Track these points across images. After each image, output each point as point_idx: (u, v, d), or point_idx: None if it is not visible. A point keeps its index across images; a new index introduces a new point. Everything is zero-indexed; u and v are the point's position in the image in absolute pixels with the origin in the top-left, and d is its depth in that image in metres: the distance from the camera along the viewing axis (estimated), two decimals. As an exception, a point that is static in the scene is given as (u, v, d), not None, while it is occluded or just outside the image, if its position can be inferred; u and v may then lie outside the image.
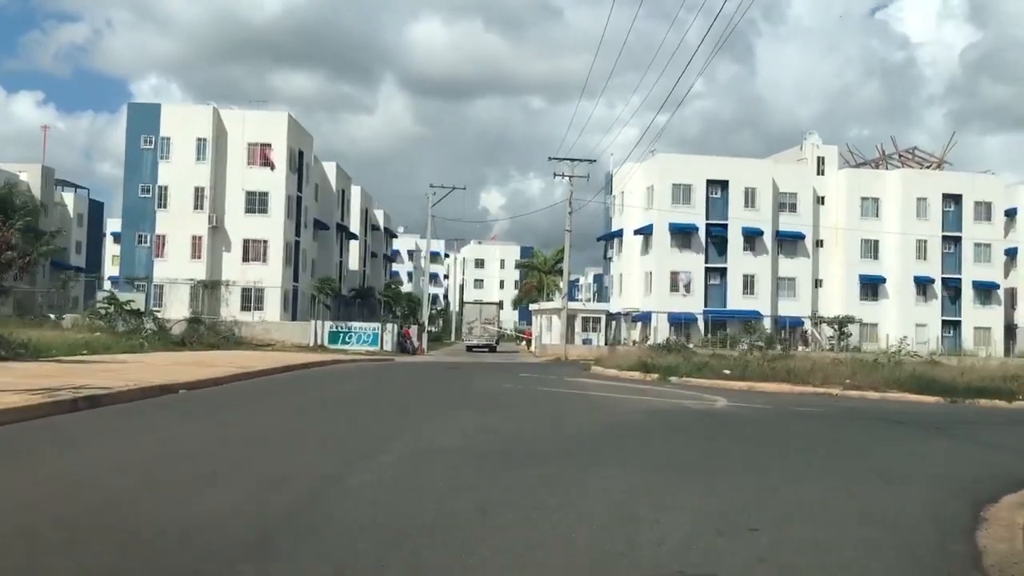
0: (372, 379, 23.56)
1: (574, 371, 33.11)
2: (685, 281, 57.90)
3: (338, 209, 69.10)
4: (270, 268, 52.30)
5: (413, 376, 25.77)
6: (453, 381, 22.97)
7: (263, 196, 52.69)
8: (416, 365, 34.76)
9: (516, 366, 38.49)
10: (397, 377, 25.09)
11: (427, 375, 26.58)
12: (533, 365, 41.45)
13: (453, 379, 24.27)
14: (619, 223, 62.48)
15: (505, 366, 38.18)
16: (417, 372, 28.15)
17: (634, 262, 60.55)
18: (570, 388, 21.36)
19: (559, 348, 51.35)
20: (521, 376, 26.03)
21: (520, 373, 29.80)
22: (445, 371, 28.62)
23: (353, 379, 23.38)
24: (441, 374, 27.30)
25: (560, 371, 32.79)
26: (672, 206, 57.76)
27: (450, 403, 16.75)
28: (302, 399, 16.65)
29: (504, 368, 35.41)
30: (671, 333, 55.74)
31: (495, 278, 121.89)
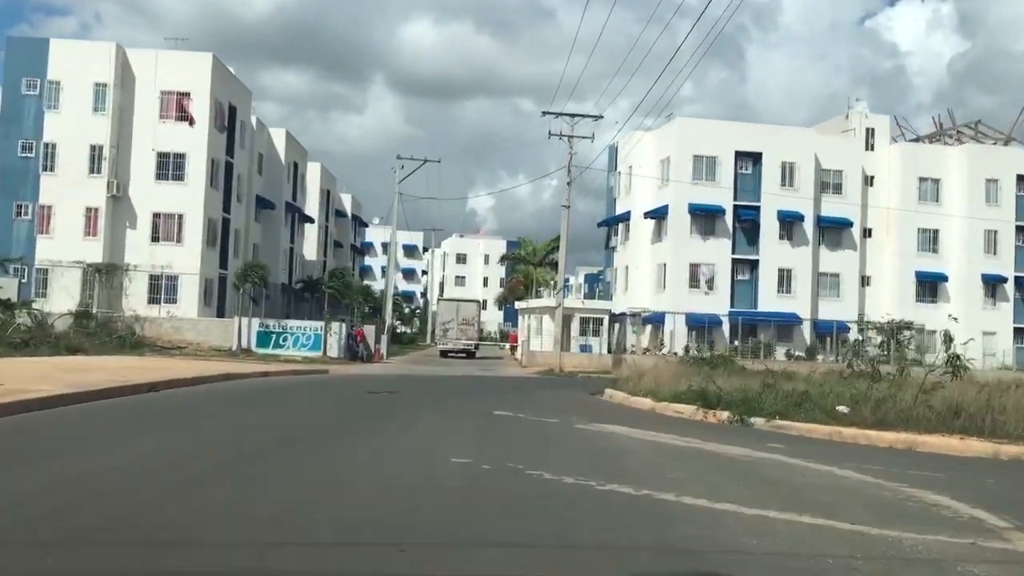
0: (182, 435, 12.39)
1: (580, 395, 22.35)
2: (708, 275, 47.04)
3: (288, 185, 57.94)
4: (186, 250, 41.15)
5: (285, 419, 14.68)
6: (355, 434, 11.83)
7: (179, 159, 41.55)
8: (346, 382, 23.81)
9: (495, 383, 27.62)
10: (245, 424, 13.93)
11: (320, 412, 15.49)
12: (519, 381, 30.55)
13: (366, 424, 13.10)
14: (625, 204, 51.59)
15: (480, 382, 27.31)
16: (317, 403, 16.99)
17: (643, 252, 49.65)
18: (597, 456, 10.15)
19: (551, 356, 40.49)
20: (496, 414, 15.03)
21: (499, 398, 18.89)
22: (372, 399, 17.60)
23: (177, 424, 12.14)
24: (356, 407, 16.15)
25: (559, 395, 22.00)
26: (693, 183, 46.92)
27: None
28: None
29: (477, 387, 24.51)
30: (690, 339, 44.89)
31: (478, 275, 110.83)
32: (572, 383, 30.36)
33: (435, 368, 38.46)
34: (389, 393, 19.07)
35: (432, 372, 34.52)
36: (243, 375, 23.68)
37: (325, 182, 70.69)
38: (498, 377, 33.37)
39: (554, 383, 29.45)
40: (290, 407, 15.84)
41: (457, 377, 30.89)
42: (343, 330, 39.93)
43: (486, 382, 28.14)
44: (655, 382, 20.64)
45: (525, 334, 49.08)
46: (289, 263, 58.53)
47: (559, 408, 17.32)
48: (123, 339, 36.81)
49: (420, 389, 22.17)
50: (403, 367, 38.51)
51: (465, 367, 40.64)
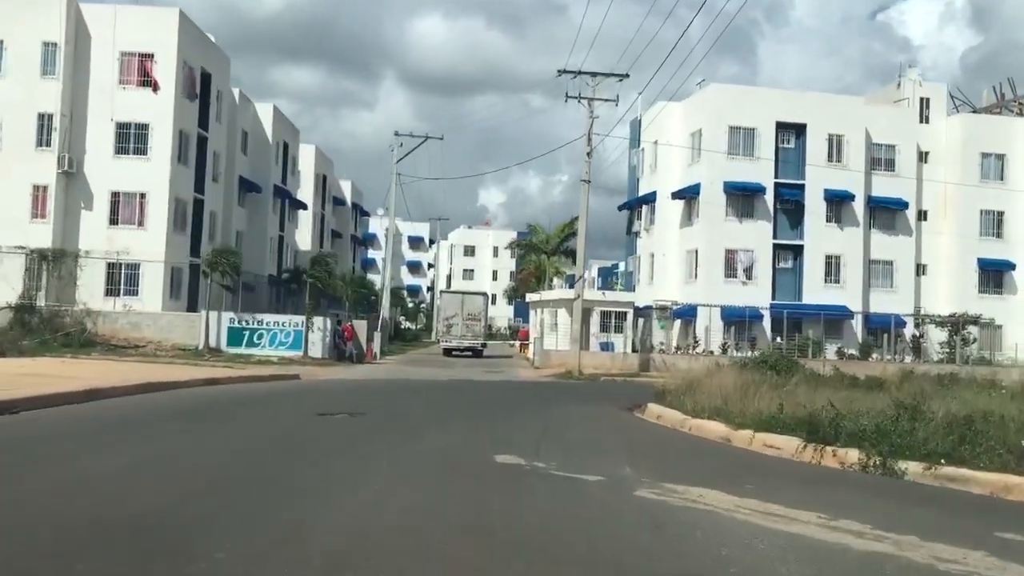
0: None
1: (614, 413, 16.98)
2: (746, 263, 41.47)
3: (277, 166, 52.56)
4: (149, 234, 35.79)
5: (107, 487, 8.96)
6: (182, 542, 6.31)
7: (141, 130, 36.18)
8: (306, 395, 18.42)
9: (502, 392, 22.21)
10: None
11: (196, 463, 9.80)
12: (532, 388, 25.15)
13: (242, 503, 7.44)
14: (649, 184, 46.01)
15: (483, 391, 21.91)
16: (218, 439, 11.17)
17: (671, 237, 44.10)
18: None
19: (569, 356, 35.05)
20: (499, 462, 9.47)
21: (506, 420, 13.49)
22: (316, 429, 12.10)
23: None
24: (274, 450, 10.39)
25: (588, 414, 16.58)
26: (729, 158, 41.32)
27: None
28: None
29: (478, 398, 19.11)
30: (727, 335, 39.37)
31: (487, 268, 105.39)
32: (598, 390, 24.90)
33: (434, 370, 33.08)
34: (350, 415, 13.62)
35: (428, 376, 29.12)
36: (175, 384, 18.33)
37: (320, 166, 65.32)
38: (506, 382, 27.95)
39: (576, 391, 23.97)
40: (159, 450, 10.35)
41: (456, 383, 25.49)
42: (327, 326, 34.55)
43: (491, 391, 22.68)
44: (721, 396, 15.11)
45: (538, 330, 43.60)
46: (279, 253, 53.19)
47: (595, 441, 11.90)
48: (70, 337, 31.62)
49: (399, 405, 16.70)
50: (396, 369, 33.15)
51: (469, 368, 35.25)
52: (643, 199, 45.95)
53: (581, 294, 32.76)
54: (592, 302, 39.10)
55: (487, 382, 27.35)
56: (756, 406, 13.81)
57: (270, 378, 23.64)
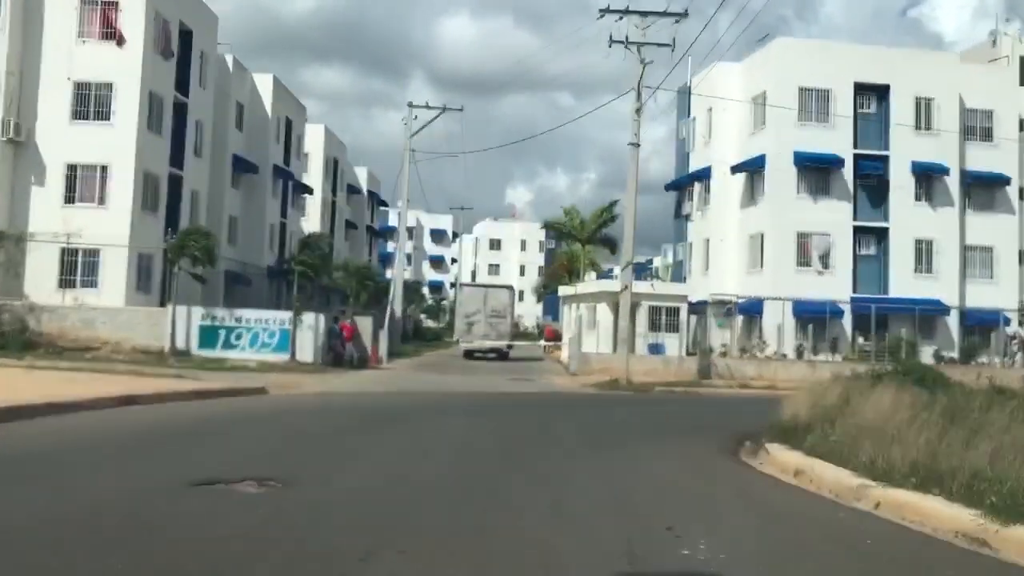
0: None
1: (710, 462, 10.59)
2: (822, 249, 35.03)
3: (278, 145, 46.80)
4: (111, 214, 30.07)
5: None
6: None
7: (104, 92, 30.44)
8: (252, 423, 12.39)
9: (534, 415, 15.95)
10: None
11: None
12: (573, 406, 19.02)
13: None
14: (702, 159, 39.62)
15: (507, 415, 15.72)
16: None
17: (730, 219, 37.73)
18: None
19: (614, 360, 28.98)
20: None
21: (544, 485, 7.10)
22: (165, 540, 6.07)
23: None
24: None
25: (667, 458, 10.14)
26: (799, 124, 34.89)
27: None
28: None
29: (499, 430, 12.78)
30: (800, 335, 33.02)
31: (514, 262, 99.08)
32: (664, 413, 18.69)
33: (450, 378, 27.05)
34: (256, 486, 7.45)
35: (440, 386, 23.10)
36: (68, 406, 12.44)
37: (330, 149, 59.56)
38: (541, 397, 21.86)
39: (636, 413, 17.75)
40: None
41: (473, 399, 19.44)
42: (320, 323, 28.62)
43: (518, 414, 16.50)
44: (904, 439, 8.86)
45: (573, 329, 37.46)
46: (280, 242, 47.43)
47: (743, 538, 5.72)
48: (6, 337, 25.94)
49: (372, 454, 10.49)
50: (404, 377, 27.17)
51: (492, 375, 29.21)
52: (695, 176, 39.54)
53: (630, 284, 26.52)
54: (639, 295, 32.82)
55: (515, 396, 21.26)
56: (980, 459, 7.64)
57: (222, 393, 17.64)
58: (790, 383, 29.91)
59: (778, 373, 30.22)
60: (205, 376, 21.67)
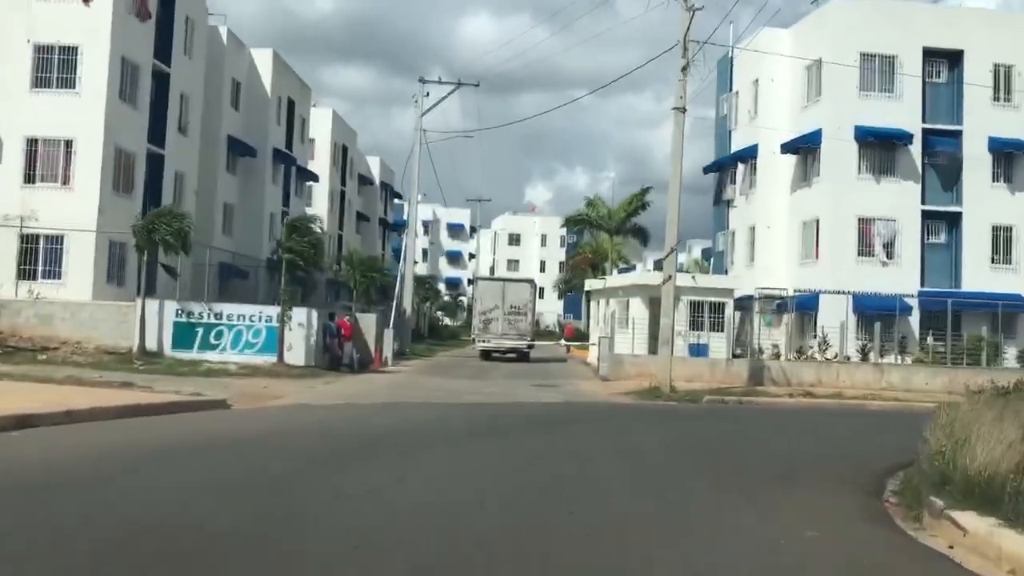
0: None
1: (853, 540, 6.01)
2: (886, 236, 30.79)
3: (279, 128, 43.09)
4: (77, 195, 26.43)
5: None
6: None
7: (68, 56, 26.79)
8: (150, 468, 8.41)
9: (564, 435, 11.75)
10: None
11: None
12: (616, 422, 14.91)
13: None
14: (747, 137, 35.39)
15: (524, 437, 11.54)
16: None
17: (779, 204, 33.54)
18: None
19: (652, 363, 25.08)
20: None
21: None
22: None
23: None
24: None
25: (775, 521, 5.64)
26: (860, 95, 30.70)
27: None
28: None
29: (519, 466, 8.51)
30: (861, 333, 28.87)
31: (533, 257, 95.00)
32: (729, 432, 14.69)
33: (459, 383, 23.14)
34: None
35: (445, 396, 19.16)
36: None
37: (339, 134, 55.79)
38: (567, 408, 17.93)
39: (698, 440, 13.61)
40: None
41: (484, 411, 15.56)
42: (313, 320, 24.77)
43: (543, 438, 12.38)
44: None
45: (603, 328, 33.45)
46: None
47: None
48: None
49: (305, 534, 6.41)
50: (408, 382, 23.28)
51: (511, 379, 25.34)
52: (738, 156, 35.30)
53: (673, 275, 22.43)
54: (679, 289, 28.72)
55: (537, 409, 17.28)
56: None
57: (166, 409, 13.78)
58: (857, 390, 25.84)
59: (840, 378, 26.16)
60: (166, 384, 17.92)
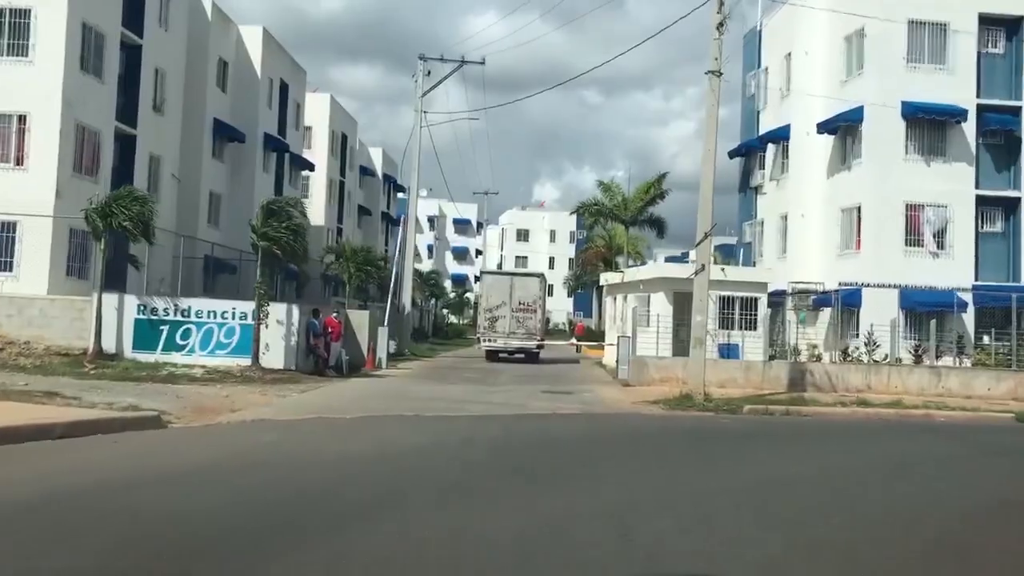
0: None
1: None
2: (937, 224, 27.68)
3: (271, 111, 40.20)
4: (31, 176, 23.57)
5: None
6: None
7: (20, 18, 23.93)
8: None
9: (593, 479, 8.40)
10: None
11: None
12: (653, 444, 11.65)
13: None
14: (778, 117, 32.32)
15: (533, 481, 8.23)
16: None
17: (814, 190, 30.43)
18: None
19: (679, 366, 22.13)
20: None
21: None
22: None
23: None
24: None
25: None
26: (908, 67, 27.59)
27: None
28: None
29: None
30: (911, 331, 25.80)
31: (542, 254, 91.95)
32: (803, 458, 11.61)
33: (458, 390, 20.17)
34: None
35: (439, 406, 16.15)
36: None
37: (338, 122, 52.86)
38: (587, 423, 14.94)
39: (766, 478, 10.37)
40: None
41: (481, 428, 12.62)
42: (295, 317, 21.84)
43: (559, 476, 9.21)
44: None
45: (619, 325, 30.44)
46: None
47: None
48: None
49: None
50: (397, 390, 20.29)
51: (518, 384, 22.33)
52: (768, 138, 32.17)
53: (708, 263, 19.36)
54: (710, 282, 25.68)
55: (550, 426, 14.28)
56: None
57: (76, 427, 10.81)
58: (912, 396, 22.76)
59: (891, 383, 23.10)
60: (107, 393, 15.07)
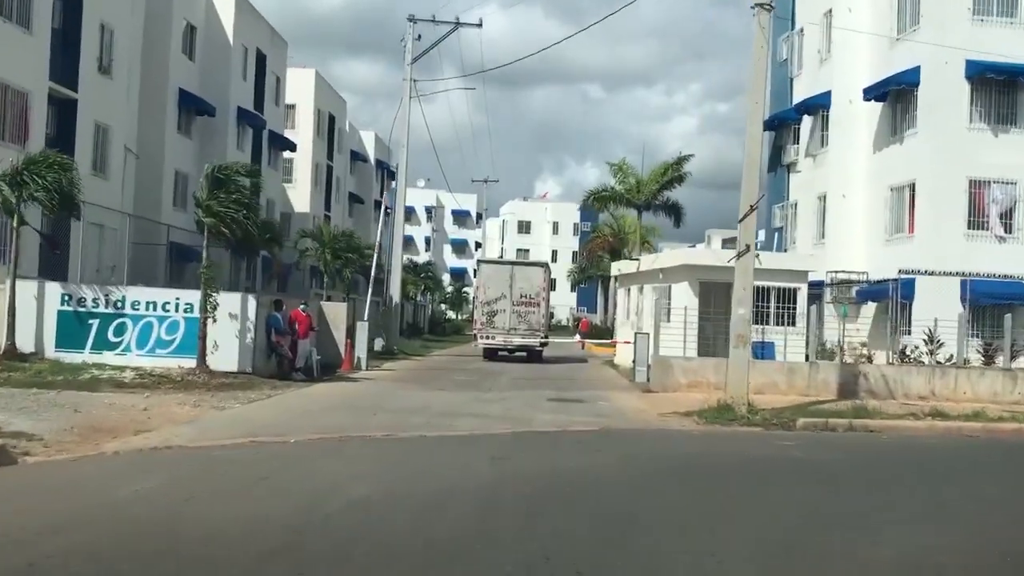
0: None
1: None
2: (1004, 204, 23.82)
3: (246, 84, 36.52)
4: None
5: None
6: None
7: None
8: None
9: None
10: None
11: None
12: (708, 496, 7.58)
13: None
14: (815, 84, 28.48)
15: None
16: None
17: (857, 166, 26.67)
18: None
19: (709, 369, 18.36)
20: None
21: None
22: None
23: None
24: None
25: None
26: (974, 22, 23.72)
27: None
28: None
29: None
30: (975, 328, 22.12)
31: (545, 247, 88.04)
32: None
33: (447, 397, 16.46)
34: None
35: (417, 427, 12.34)
36: None
37: (324, 100, 49.07)
38: (611, 447, 11.05)
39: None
40: None
41: (470, 478, 8.52)
42: (251, 309, 18.12)
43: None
44: None
45: (634, 320, 26.72)
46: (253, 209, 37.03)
47: None
48: None
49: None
50: (373, 397, 16.59)
51: (518, 391, 18.65)
52: (805, 107, 28.26)
53: (753, 243, 15.60)
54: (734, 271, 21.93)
55: (568, 450, 10.52)
56: None
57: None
58: (987, 404, 19.00)
59: (961, 388, 19.38)
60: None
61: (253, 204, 17.47)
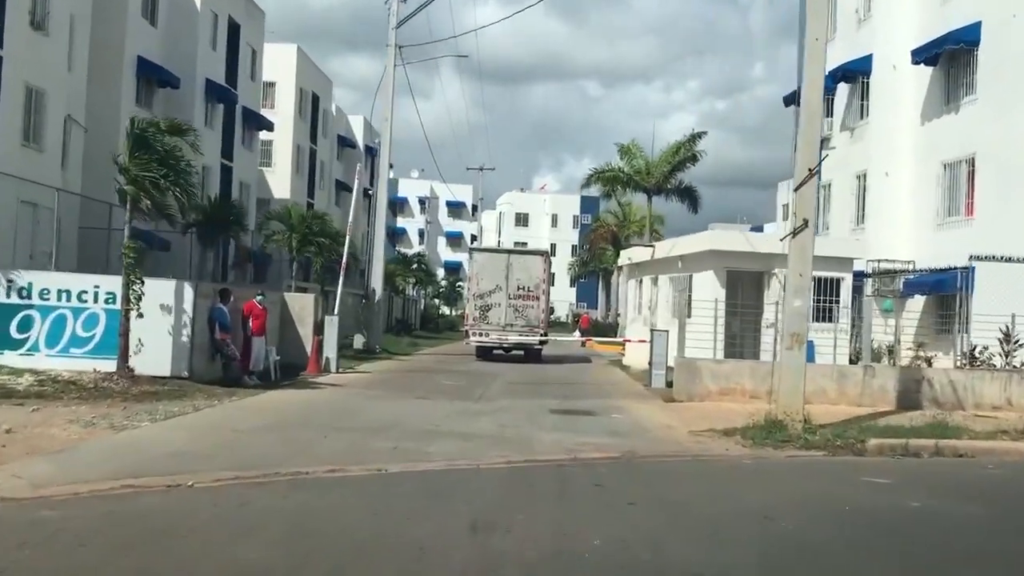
0: None
1: None
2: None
3: (216, 53, 33.20)
4: None
5: None
6: None
7: None
8: None
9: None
10: None
11: None
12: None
13: None
14: (852, 48, 25.11)
15: None
16: None
17: (902, 141, 23.42)
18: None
19: (744, 374, 14.91)
20: None
21: None
22: None
23: None
24: None
25: None
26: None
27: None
28: None
29: None
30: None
31: (543, 240, 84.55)
32: None
33: (426, 410, 13.07)
34: None
35: (377, 458, 8.82)
36: None
37: (306, 78, 45.69)
38: (654, 509, 7.41)
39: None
40: None
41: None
42: (188, 299, 14.84)
43: None
44: None
45: (646, 315, 23.48)
46: (222, 192, 33.89)
47: None
48: None
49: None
50: (334, 410, 13.31)
51: (515, 399, 15.43)
52: (842, 74, 24.74)
53: (809, 222, 12.30)
54: (770, 258, 18.68)
55: (578, 504, 7.13)
56: None
57: None
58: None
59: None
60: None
61: (182, 168, 14.13)
